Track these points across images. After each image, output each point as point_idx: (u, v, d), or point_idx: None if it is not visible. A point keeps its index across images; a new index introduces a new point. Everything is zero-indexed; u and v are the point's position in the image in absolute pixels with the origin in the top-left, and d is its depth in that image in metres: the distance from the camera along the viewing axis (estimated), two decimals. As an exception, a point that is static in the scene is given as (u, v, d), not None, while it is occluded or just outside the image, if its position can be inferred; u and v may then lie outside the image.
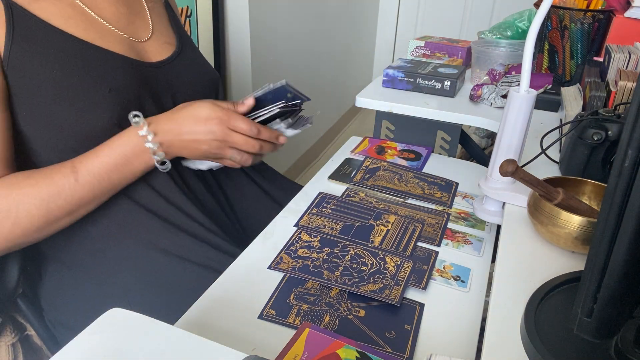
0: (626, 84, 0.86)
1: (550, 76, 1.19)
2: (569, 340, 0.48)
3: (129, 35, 0.77)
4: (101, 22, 0.74)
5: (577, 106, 0.95)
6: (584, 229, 0.59)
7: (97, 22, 0.73)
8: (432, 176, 1.01)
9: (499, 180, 0.73)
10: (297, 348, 0.55)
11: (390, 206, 0.89)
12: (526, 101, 0.68)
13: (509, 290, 0.57)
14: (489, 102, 1.16)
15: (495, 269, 0.61)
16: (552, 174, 0.72)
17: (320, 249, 0.76)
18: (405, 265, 0.73)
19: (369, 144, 1.13)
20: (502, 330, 0.52)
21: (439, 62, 1.35)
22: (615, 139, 0.73)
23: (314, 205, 0.88)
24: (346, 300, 0.66)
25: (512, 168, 0.61)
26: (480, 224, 0.86)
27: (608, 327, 0.42)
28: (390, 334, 0.61)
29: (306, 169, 2.62)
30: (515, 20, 1.40)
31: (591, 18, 1.16)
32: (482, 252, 0.78)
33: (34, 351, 0.81)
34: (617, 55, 0.95)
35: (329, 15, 2.57)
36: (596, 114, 0.75)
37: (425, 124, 1.16)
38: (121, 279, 0.77)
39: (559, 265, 0.62)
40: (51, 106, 0.67)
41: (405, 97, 1.20)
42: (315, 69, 2.54)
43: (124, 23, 0.77)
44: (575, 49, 1.20)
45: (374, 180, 0.98)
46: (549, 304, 0.53)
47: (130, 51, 0.76)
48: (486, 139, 1.76)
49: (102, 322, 0.51)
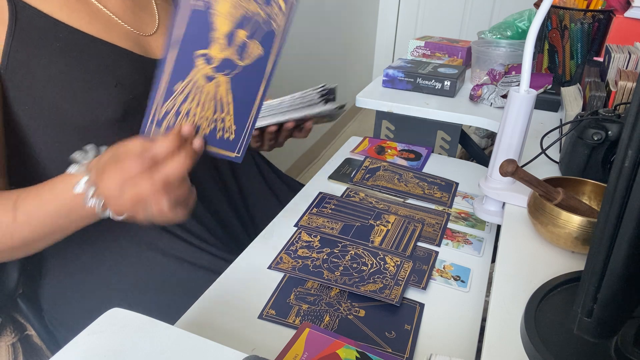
0: (626, 84, 0.86)
1: (550, 76, 1.19)
2: (569, 340, 0.48)
3: (134, 29, 0.76)
4: (106, 14, 0.73)
5: (577, 106, 0.95)
6: (584, 229, 0.59)
7: (102, 14, 0.72)
8: (432, 176, 1.01)
9: (499, 180, 0.73)
10: (297, 348, 0.55)
11: (390, 206, 0.89)
12: (526, 101, 0.68)
13: (509, 290, 0.57)
14: (489, 102, 1.16)
15: (495, 269, 0.61)
16: (552, 174, 0.72)
17: (320, 249, 0.76)
18: (405, 265, 0.73)
19: (369, 144, 1.13)
20: (502, 330, 0.52)
21: (439, 62, 1.35)
22: (615, 139, 0.73)
23: (314, 205, 0.88)
24: (346, 300, 0.66)
25: (512, 168, 0.61)
26: (480, 224, 0.86)
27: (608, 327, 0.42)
28: (390, 334, 0.61)
29: (306, 169, 2.62)
30: (515, 20, 1.40)
31: (591, 18, 1.16)
32: (482, 252, 0.78)
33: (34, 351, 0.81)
34: (617, 55, 0.95)
35: (329, 15, 2.57)
36: (596, 114, 0.75)
37: (425, 124, 1.16)
38: (121, 279, 0.77)
39: (559, 265, 0.62)
40: (55, 100, 0.66)
41: (405, 97, 1.20)
42: (316, 69, 2.54)
43: (129, 16, 0.77)
44: (575, 49, 1.20)
45: (374, 180, 0.98)
46: (549, 304, 0.53)
47: (135, 46, 0.75)
48: (486, 139, 1.76)
49: (102, 322, 0.51)
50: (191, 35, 0.56)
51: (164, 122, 0.60)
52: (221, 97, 0.60)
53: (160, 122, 0.60)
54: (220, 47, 0.58)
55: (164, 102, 0.59)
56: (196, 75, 0.58)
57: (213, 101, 0.60)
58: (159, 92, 0.58)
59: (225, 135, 0.62)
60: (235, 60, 0.59)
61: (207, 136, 0.61)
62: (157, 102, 0.59)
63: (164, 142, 0.56)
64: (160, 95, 0.58)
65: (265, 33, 0.58)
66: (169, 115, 0.60)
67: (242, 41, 0.58)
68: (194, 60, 0.57)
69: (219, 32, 0.57)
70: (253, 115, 0.61)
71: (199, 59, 0.58)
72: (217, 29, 0.57)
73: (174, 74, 0.58)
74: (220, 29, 0.57)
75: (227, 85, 0.59)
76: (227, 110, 0.61)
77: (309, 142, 2.63)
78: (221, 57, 0.58)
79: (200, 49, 0.57)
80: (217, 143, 0.62)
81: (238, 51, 0.58)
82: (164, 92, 0.58)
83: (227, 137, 0.62)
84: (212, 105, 0.60)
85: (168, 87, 0.58)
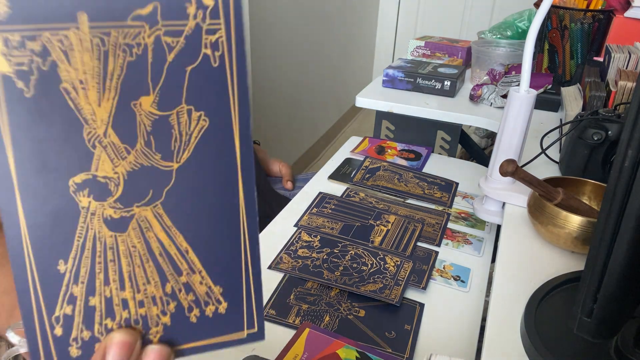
0: (626, 84, 0.86)
1: (550, 76, 1.19)
2: (569, 340, 0.48)
3: None
4: None
5: (577, 106, 0.95)
6: (584, 229, 0.59)
7: None
8: (432, 176, 1.01)
9: (499, 180, 0.73)
10: (297, 348, 0.55)
11: (390, 206, 0.89)
12: (526, 101, 0.68)
13: (509, 290, 0.57)
14: (489, 102, 1.16)
15: (495, 269, 0.61)
16: (552, 174, 0.72)
17: (320, 249, 0.76)
18: (405, 265, 0.73)
19: (369, 144, 1.13)
20: (502, 330, 0.52)
21: (439, 62, 1.35)
22: (615, 139, 0.73)
23: (314, 205, 0.88)
24: (346, 300, 0.66)
25: (512, 168, 0.61)
26: (480, 224, 0.86)
27: (608, 327, 0.42)
28: (390, 334, 0.61)
29: (306, 169, 2.62)
30: (515, 20, 1.40)
31: (591, 18, 1.16)
32: (482, 252, 0.78)
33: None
34: (617, 55, 0.95)
35: (329, 15, 2.58)
36: (596, 114, 0.75)
37: (425, 124, 1.16)
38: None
39: (559, 265, 0.62)
40: None
41: (405, 97, 1.20)
42: (316, 69, 2.54)
43: None
44: (575, 49, 1.20)
45: (374, 180, 0.98)
46: (549, 304, 0.53)
47: None
48: (486, 139, 1.76)
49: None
50: (43, 154, 0.27)
51: (71, 344, 0.30)
52: (162, 247, 0.31)
53: (64, 341, 0.30)
54: (111, 151, 0.28)
55: (54, 303, 0.29)
56: (89, 229, 0.29)
57: (150, 263, 0.31)
58: (30, 288, 0.29)
59: (209, 310, 0.32)
60: (155, 164, 0.29)
61: (170, 329, 0.32)
62: (37, 306, 0.29)
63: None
64: (36, 294, 0.29)
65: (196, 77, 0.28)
66: (74, 324, 0.30)
67: (152, 119, 0.28)
68: (72, 201, 0.28)
69: (94, 122, 0.28)
70: (246, 248, 0.32)
71: (81, 195, 0.28)
72: (89, 118, 0.28)
73: (43, 245, 0.28)
74: (96, 113, 0.28)
75: (162, 219, 0.30)
76: (186, 268, 0.31)
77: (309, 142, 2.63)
78: (123, 173, 0.29)
79: (72, 174, 0.28)
80: (199, 330, 0.32)
81: (153, 145, 0.29)
82: (41, 284, 0.29)
83: (213, 311, 0.32)
84: (152, 271, 0.31)
85: (43, 270, 0.29)
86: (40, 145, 0.27)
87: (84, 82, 0.27)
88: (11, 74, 0.26)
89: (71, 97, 0.27)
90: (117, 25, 0.27)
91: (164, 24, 0.27)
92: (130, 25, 0.27)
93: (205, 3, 0.27)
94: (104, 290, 0.30)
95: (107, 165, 0.28)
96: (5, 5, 0.25)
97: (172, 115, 0.28)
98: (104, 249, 0.30)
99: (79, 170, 0.28)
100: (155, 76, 0.28)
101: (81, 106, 0.27)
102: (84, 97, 0.27)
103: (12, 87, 0.26)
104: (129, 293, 0.31)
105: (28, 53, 0.26)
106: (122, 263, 0.30)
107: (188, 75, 0.28)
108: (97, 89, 0.27)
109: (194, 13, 0.27)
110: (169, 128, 0.29)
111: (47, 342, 0.30)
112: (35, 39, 0.26)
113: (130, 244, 0.30)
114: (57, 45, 0.26)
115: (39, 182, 0.27)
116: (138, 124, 0.28)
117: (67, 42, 0.26)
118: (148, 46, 0.27)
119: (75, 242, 0.29)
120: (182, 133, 0.29)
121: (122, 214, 0.29)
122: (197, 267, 0.32)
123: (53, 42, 0.26)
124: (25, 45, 0.26)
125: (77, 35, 0.26)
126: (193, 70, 0.28)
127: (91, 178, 0.28)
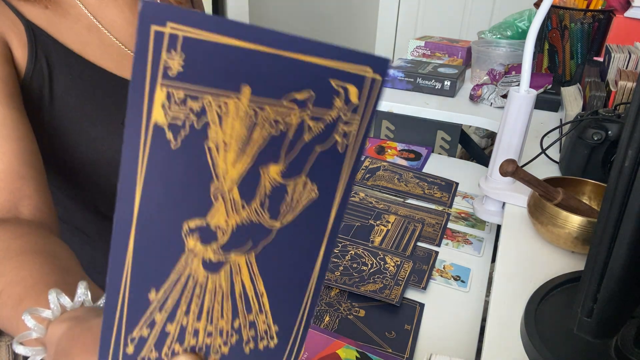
0: (626, 84, 0.86)
1: (550, 76, 1.19)
2: (569, 340, 0.48)
3: None
4: (118, 46, 0.71)
5: (577, 106, 0.95)
6: (584, 229, 0.59)
7: (114, 46, 0.70)
8: (432, 176, 1.01)
9: (499, 180, 0.73)
10: (297, 348, 0.55)
11: (390, 206, 0.89)
12: (526, 101, 0.68)
13: (509, 290, 0.57)
14: (489, 102, 1.16)
15: (495, 269, 0.61)
16: (552, 174, 0.72)
17: (320, 249, 0.76)
18: (405, 265, 0.73)
19: (369, 144, 1.13)
20: (502, 330, 0.52)
21: (439, 62, 1.35)
22: (615, 139, 0.73)
23: (314, 205, 0.88)
24: (346, 300, 0.66)
25: (512, 168, 0.61)
26: (480, 224, 0.86)
27: (608, 327, 0.42)
28: (390, 334, 0.61)
29: (306, 169, 2.62)
30: (515, 20, 1.40)
31: (591, 18, 1.16)
32: (482, 252, 0.78)
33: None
34: (617, 55, 0.95)
35: (329, 15, 2.58)
36: (596, 114, 0.75)
37: (425, 124, 1.16)
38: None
39: (559, 265, 0.62)
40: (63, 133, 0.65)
41: (405, 97, 1.20)
42: (315, 69, 2.54)
43: None
44: (575, 49, 1.20)
45: (374, 180, 0.98)
46: (549, 304, 0.53)
47: None
48: (486, 139, 1.75)
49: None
50: (168, 197, 0.30)
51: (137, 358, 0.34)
52: (243, 289, 0.34)
53: (132, 358, 0.33)
54: (230, 206, 0.31)
55: (134, 325, 0.32)
56: (187, 267, 0.32)
57: (229, 302, 0.34)
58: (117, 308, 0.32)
59: (262, 345, 0.36)
60: (262, 221, 0.32)
61: (226, 357, 0.36)
62: (119, 325, 0.32)
63: None
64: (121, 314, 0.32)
65: (322, 157, 0.31)
66: (145, 345, 0.33)
67: (274, 185, 0.31)
68: (181, 241, 0.31)
69: (223, 179, 0.30)
70: (309, 298, 0.35)
71: (190, 237, 0.31)
72: (220, 175, 0.30)
73: (142, 274, 0.31)
74: (228, 172, 0.30)
75: (252, 267, 0.33)
76: (257, 309, 0.35)
77: (309, 142, 2.63)
78: (233, 225, 0.32)
79: (188, 218, 0.30)
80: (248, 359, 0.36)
81: (266, 206, 0.32)
82: (129, 307, 0.32)
83: (265, 345, 0.36)
84: (228, 308, 0.34)
85: (135, 296, 0.31)
86: (168, 187, 0.29)
87: (227, 144, 0.29)
88: (164, 126, 0.27)
89: (212, 155, 0.29)
90: (273, 103, 0.28)
91: (312, 109, 0.29)
92: (284, 106, 0.28)
93: (352, 100, 0.29)
94: (182, 319, 0.33)
95: (222, 217, 0.31)
96: (179, 65, 0.26)
97: (290, 184, 0.31)
98: (194, 286, 0.32)
99: (195, 216, 0.30)
100: (289, 150, 0.30)
101: (217, 164, 0.29)
102: (223, 157, 0.29)
103: (161, 137, 0.27)
104: (202, 324, 0.34)
105: (187, 111, 0.27)
106: (205, 298, 0.33)
107: (317, 155, 0.30)
108: (237, 152, 0.29)
109: (340, 106, 0.29)
110: (284, 194, 0.31)
111: (117, 357, 0.33)
112: (197, 100, 0.27)
113: (218, 283, 0.33)
114: (215, 109, 0.28)
115: (157, 217, 0.30)
116: (261, 186, 0.31)
117: (225, 108, 0.28)
118: (292, 125, 0.29)
119: (171, 276, 0.31)
120: (293, 199, 0.31)
121: (219, 258, 0.32)
122: (266, 308, 0.35)
123: (212, 105, 0.27)
124: (187, 103, 0.27)
125: (236, 104, 0.28)
126: (322, 151, 0.30)
127: (204, 225, 0.31)
